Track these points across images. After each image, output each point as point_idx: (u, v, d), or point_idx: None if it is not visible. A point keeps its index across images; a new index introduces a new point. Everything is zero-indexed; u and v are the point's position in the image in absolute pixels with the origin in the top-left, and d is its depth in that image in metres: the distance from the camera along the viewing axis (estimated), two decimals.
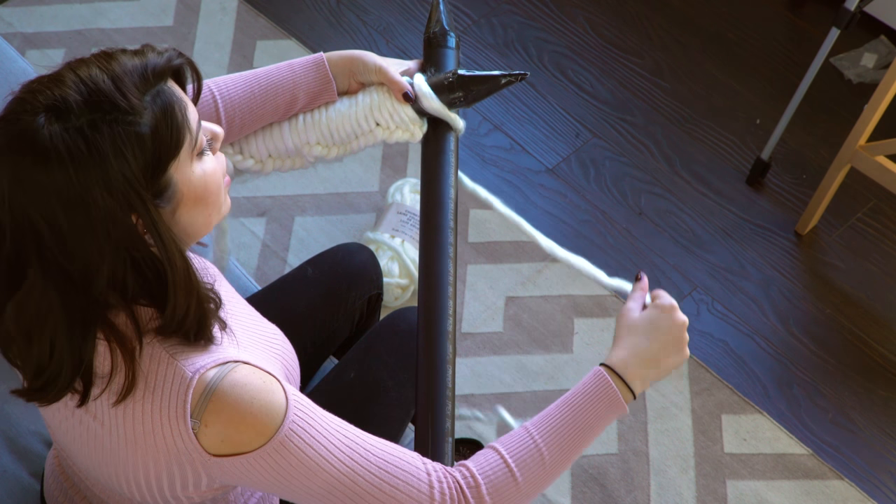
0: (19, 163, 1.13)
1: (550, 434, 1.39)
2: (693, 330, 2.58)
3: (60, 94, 1.14)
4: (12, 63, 2.29)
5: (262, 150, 1.67)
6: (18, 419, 1.83)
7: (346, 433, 1.31)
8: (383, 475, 1.31)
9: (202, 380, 1.23)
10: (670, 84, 3.01)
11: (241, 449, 1.24)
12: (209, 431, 1.23)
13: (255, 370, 1.27)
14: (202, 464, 1.26)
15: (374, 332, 1.87)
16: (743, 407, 2.45)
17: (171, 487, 1.31)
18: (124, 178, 1.15)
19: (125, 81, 1.17)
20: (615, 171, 2.84)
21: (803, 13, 3.16)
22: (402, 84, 1.62)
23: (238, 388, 1.24)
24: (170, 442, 1.25)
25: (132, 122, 1.15)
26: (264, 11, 3.08)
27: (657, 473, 2.36)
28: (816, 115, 2.94)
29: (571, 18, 3.13)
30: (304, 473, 1.27)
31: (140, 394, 1.24)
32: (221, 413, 1.23)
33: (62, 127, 1.13)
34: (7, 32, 2.94)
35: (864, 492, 2.35)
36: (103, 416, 1.28)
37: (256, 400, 1.24)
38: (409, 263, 2.51)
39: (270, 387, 1.26)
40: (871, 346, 2.57)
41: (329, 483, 1.28)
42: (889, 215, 2.79)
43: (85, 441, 1.33)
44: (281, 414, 1.25)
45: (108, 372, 1.24)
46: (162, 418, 1.24)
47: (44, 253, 1.16)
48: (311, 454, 1.27)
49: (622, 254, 2.69)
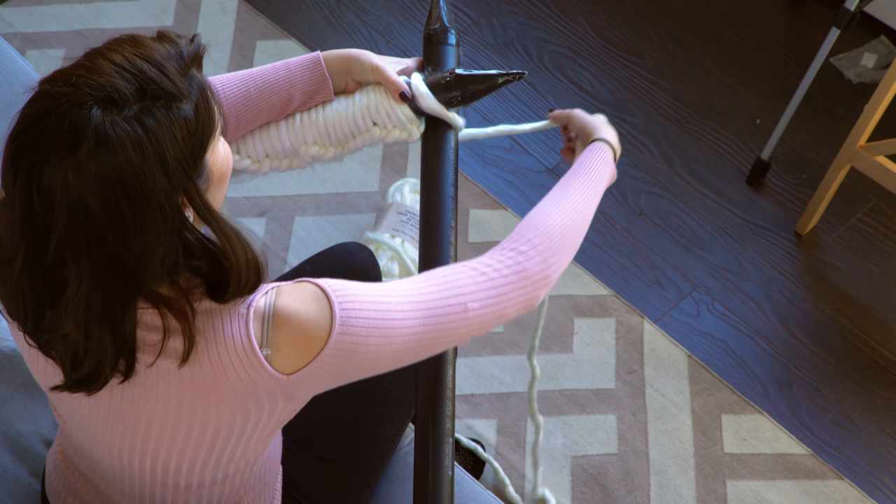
0: (80, 154, 1.13)
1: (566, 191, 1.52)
2: (693, 330, 2.58)
3: (109, 83, 1.15)
4: (12, 63, 2.29)
5: (259, 149, 1.67)
6: (18, 419, 1.82)
7: (390, 285, 1.35)
8: (436, 289, 1.36)
9: (257, 310, 1.27)
10: (670, 84, 3.01)
11: (314, 352, 1.28)
12: (282, 353, 1.27)
13: (291, 284, 1.31)
14: (280, 388, 1.29)
15: None
16: (743, 407, 2.45)
17: (239, 433, 1.33)
18: (177, 162, 1.17)
19: (167, 67, 1.19)
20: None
21: (803, 13, 3.16)
22: (399, 84, 1.62)
23: (291, 303, 1.28)
24: (244, 377, 1.27)
25: (180, 107, 1.18)
26: (264, 11, 3.08)
27: (657, 473, 2.36)
28: (816, 115, 2.94)
29: (571, 18, 3.13)
30: (375, 335, 1.30)
31: (202, 346, 1.26)
32: (288, 330, 1.27)
33: (120, 116, 1.14)
34: (7, 32, 2.94)
35: (864, 492, 2.35)
36: (158, 383, 1.28)
37: (308, 302, 1.28)
38: (409, 263, 2.50)
39: (308, 286, 1.30)
40: (871, 346, 2.57)
41: (400, 329, 1.32)
42: (889, 215, 2.79)
43: (125, 417, 1.33)
44: (327, 304, 1.29)
45: (160, 338, 1.25)
46: (231, 357, 1.26)
47: (98, 245, 1.17)
48: (371, 317, 1.30)
49: (622, 254, 2.69)
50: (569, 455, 2.37)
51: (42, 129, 1.14)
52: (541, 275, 1.42)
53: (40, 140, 1.14)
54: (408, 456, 1.86)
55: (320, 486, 1.70)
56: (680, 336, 2.56)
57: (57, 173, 1.14)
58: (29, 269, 1.20)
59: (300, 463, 1.69)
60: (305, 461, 1.70)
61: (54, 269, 1.19)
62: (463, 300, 1.36)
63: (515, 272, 1.40)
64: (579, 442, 2.39)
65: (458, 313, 1.35)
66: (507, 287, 1.39)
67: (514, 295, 1.40)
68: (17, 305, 1.24)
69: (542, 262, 1.42)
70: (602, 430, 2.41)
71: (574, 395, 2.45)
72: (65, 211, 1.15)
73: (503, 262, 1.40)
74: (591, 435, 2.40)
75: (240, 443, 1.37)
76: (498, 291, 1.39)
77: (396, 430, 1.79)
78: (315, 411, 1.75)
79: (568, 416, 2.42)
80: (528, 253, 1.41)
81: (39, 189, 1.15)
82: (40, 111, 1.16)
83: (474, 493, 1.84)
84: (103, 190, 1.14)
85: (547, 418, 2.41)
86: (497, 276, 1.39)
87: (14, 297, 1.23)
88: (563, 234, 1.45)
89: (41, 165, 1.14)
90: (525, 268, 1.41)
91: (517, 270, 1.40)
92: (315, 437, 1.72)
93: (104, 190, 1.14)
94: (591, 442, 2.39)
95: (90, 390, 1.27)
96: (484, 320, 1.38)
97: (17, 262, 1.20)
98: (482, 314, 1.38)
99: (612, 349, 2.53)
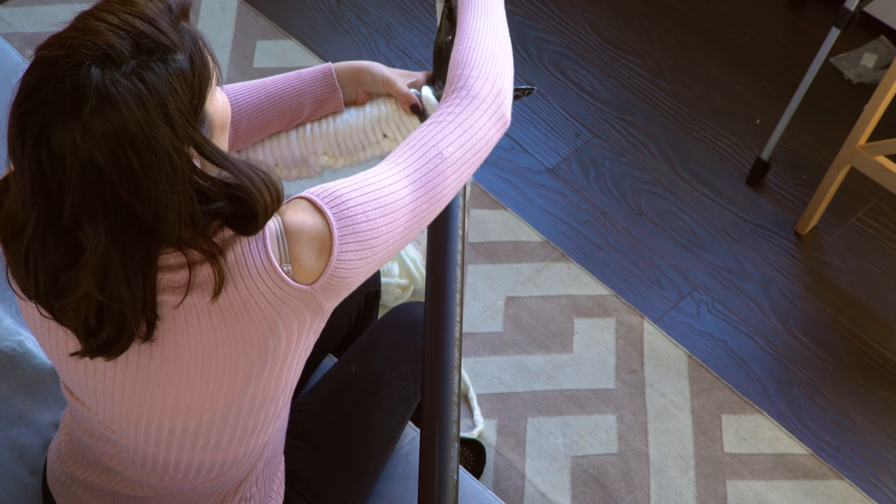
0: (85, 114, 1.14)
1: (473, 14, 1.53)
2: (693, 330, 2.58)
3: (104, 42, 1.16)
4: (12, 63, 2.29)
5: (269, 158, 1.68)
6: (18, 419, 1.83)
7: (367, 173, 1.38)
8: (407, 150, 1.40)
9: (270, 232, 1.29)
10: (670, 84, 3.01)
11: (328, 251, 1.31)
12: (301, 262, 1.30)
13: (284, 205, 1.33)
14: (306, 302, 1.31)
15: (376, 327, 1.88)
16: (743, 407, 2.45)
17: (272, 364, 1.35)
18: (180, 113, 1.19)
19: (159, 21, 1.20)
20: (615, 171, 2.84)
21: (803, 13, 3.16)
22: (411, 96, 1.63)
23: (296, 216, 1.31)
24: (270, 297, 1.29)
25: (176, 59, 1.19)
26: (264, 11, 3.08)
27: (657, 473, 2.36)
28: (816, 115, 2.94)
29: (571, 18, 3.13)
30: (378, 218, 1.34)
31: (226, 276, 1.28)
32: (301, 239, 1.30)
33: (119, 72, 1.15)
34: (7, 32, 2.94)
35: (864, 492, 2.35)
36: (186, 324, 1.29)
37: (307, 211, 1.31)
38: (408, 263, 2.50)
39: (300, 201, 1.33)
40: (871, 346, 2.57)
41: (399, 197, 1.35)
42: (889, 215, 2.79)
43: (149, 375, 1.34)
44: (318, 209, 1.32)
45: (184, 278, 1.27)
46: (255, 280, 1.28)
47: (113, 202, 1.18)
48: (364, 199, 1.34)
49: (622, 254, 2.69)
50: (569, 455, 2.37)
51: (44, 94, 1.16)
52: (493, 91, 1.45)
53: (44, 104, 1.15)
54: (409, 455, 1.86)
55: (321, 478, 1.70)
56: (680, 336, 2.57)
57: (64, 135, 1.15)
58: (42, 234, 1.21)
59: (301, 456, 1.70)
60: (306, 454, 1.71)
61: (69, 232, 1.20)
62: (437, 150, 1.40)
63: (469, 102, 1.44)
64: (579, 442, 2.39)
65: (438, 164, 1.39)
66: (469, 119, 1.43)
67: (481, 120, 1.44)
68: (30, 274, 1.25)
69: (487, 81, 1.46)
70: (602, 430, 2.41)
71: (574, 395, 2.45)
72: (76, 171, 1.16)
73: (454, 103, 1.44)
74: (591, 435, 2.40)
75: (272, 377, 1.38)
76: (464, 127, 1.42)
77: (397, 425, 1.80)
78: (316, 405, 1.76)
79: (568, 416, 2.43)
80: (470, 83, 1.45)
81: (49, 152, 1.16)
82: (41, 76, 1.17)
83: (474, 492, 1.84)
84: (111, 146, 1.15)
85: (547, 418, 2.41)
86: (456, 114, 1.43)
87: (27, 265, 1.24)
88: (492, 53, 1.49)
89: (48, 129, 1.15)
90: (476, 93, 1.44)
91: (470, 100, 1.44)
92: (316, 430, 1.73)
93: (112, 146, 1.15)
94: (591, 442, 2.40)
95: (111, 354, 1.28)
96: (465, 157, 1.42)
97: (28, 229, 1.21)
98: (461, 153, 1.41)
99: (612, 349, 2.53)
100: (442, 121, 1.42)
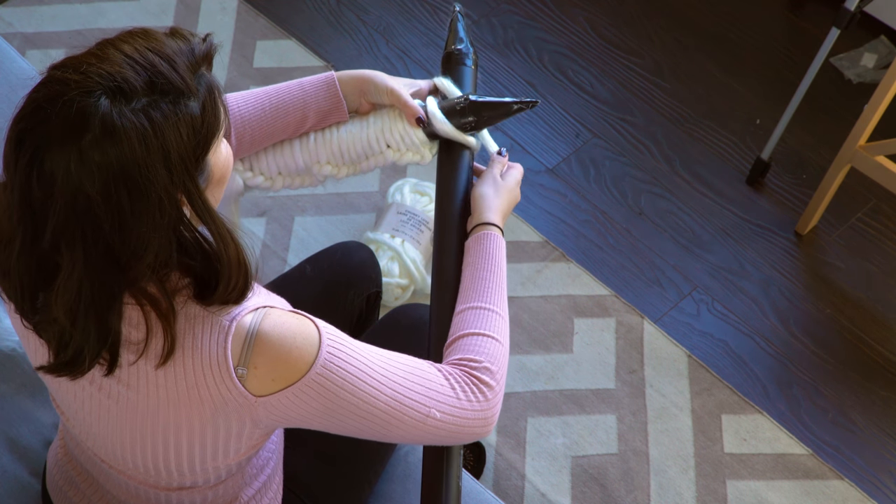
0: (84, 142, 1.13)
1: (490, 294, 1.51)
2: (693, 330, 2.58)
3: (119, 74, 1.15)
4: (12, 63, 2.29)
5: (273, 167, 1.69)
6: (18, 419, 1.83)
7: (374, 350, 1.36)
8: (413, 379, 1.37)
9: (240, 326, 1.27)
10: (670, 84, 3.01)
11: (289, 381, 1.28)
12: (259, 373, 1.27)
13: (283, 311, 1.32)
14: (248, 409, 1.29)
15: (377, 328, 1.87)
16: (743, 407, 2.45)
17: (213, 446, 1.33)
18: (180, 158, 1.17)
19: (178, 63, 1.19)
20: (615, 171, 2.84)
21: (803, 13, 3.16)
22: (416, 108, 1.63)
23: (278, 327, 1.28)
24: (214, 392, 1.27)
25: (187, 104, 1.18)
26: (264, 11, 3.08)
27: (657, 473, 2.36)
28: (816, 115, 2.94)
29: (571, 18, 3.13)
30: (348, 389, 1.31)
31: (179, 354, 1.26)
32: (268, 353, 1.27)
33: (128, 107, 1.14)
34: (7, 32, 2.94)
35: (864, 492, 2.35)
36: (138, 382, 1.29)
37: (297, 334, 1.29)
38: (409, 263, 2.50)
39: (303, 320, 1.31)
40: (871, 346, 2.57)
41: (370, 395, 1.33)
42: (889, 215, 2.79)
43: (114, 414, 1.33)
44: (317, 341, 1.30)
45: (143, 337, 1.26)
46: (205, 370, 1.26)
47: (94, 234, 1.17)
48: (351, 370, 1.31)
49: (622, 254, 2.69)
50: (569, 455, 2.37)
51: (48, 114, 1.14)
52: (494, 416, 1.44)
53: (45, 124, 1.14)
54: (408, 455, 1.86)
55: (321, 482, 1.70)
56: (680, 336, 2.57)
57: (59, 159, 1.14)
58: (26, 252, 1.20)
59: (301, 460, 1.70)
60: (306, 458, 1.70)
61: (49, 255, 1.19)
62: (428, 411, 1.38)
63: (481, 408, 1.42)
64: (579, 442, 2.39)
65: (422, 414, 1.37)
66: (469, 416, 1.41)
67: (472, 427, 1.42)
68: (15, 287, 1.24)
69: (498, 404, 1.45)
70: (602, 430, 2.41)
71: (574, 395, 2.45)
72: (63, 197, 1.15)
73: (471, 389, 1.41)
74: (591, 435, 2.40)
75: (217, 454, 1.37)
76: (462, 415, 1.41)
77: None
78: None
79: (568, 416, 2.43)
80: (493, 392, 1.43)
81: (40, 173, 1.15)
82: (48, 96, 1.16)
83: (474, 492, 1.84)
84: (104, 179, 1.14)
85: (547, 418, 2.41)
86: (465, 399, 1.41)
87: (12, 278, 1.24)
88: (506, 361, 1.48)
89: (44, 150, 1.14)
90: (489, 412, 1.43)
91: (483, 408, 1.42)
92: (315, 434, 1.73)
93: (105, 179, 1.14)
94: (591, 442, 2.40)
95: (73, 375, 1.27)
96: (437, 434, 1.40)
97: (15, 244, 1.21)
98: (442, 432, 1.40)
99: (612, 349, 2.53)
100: (455, 390, 1.40)
